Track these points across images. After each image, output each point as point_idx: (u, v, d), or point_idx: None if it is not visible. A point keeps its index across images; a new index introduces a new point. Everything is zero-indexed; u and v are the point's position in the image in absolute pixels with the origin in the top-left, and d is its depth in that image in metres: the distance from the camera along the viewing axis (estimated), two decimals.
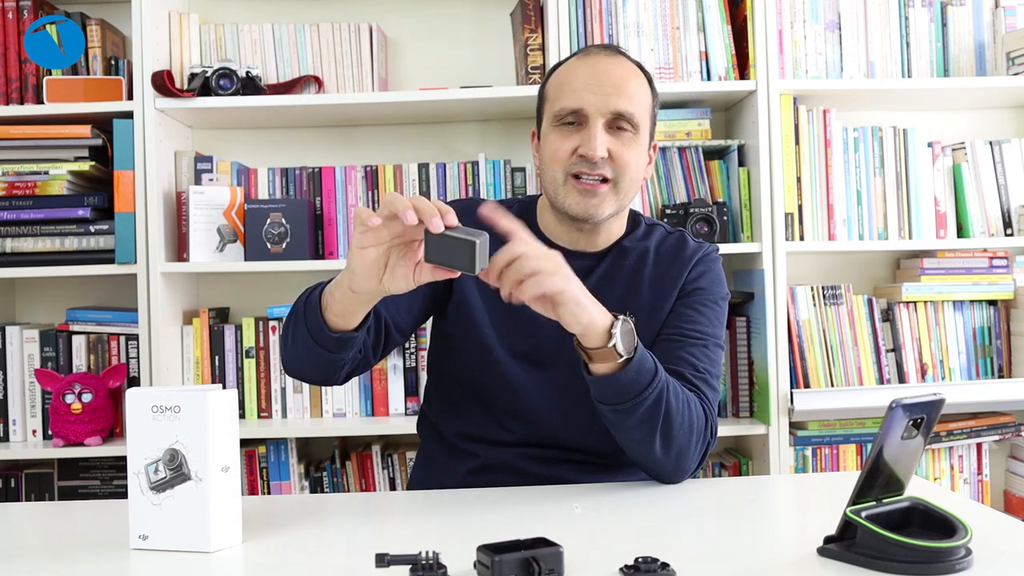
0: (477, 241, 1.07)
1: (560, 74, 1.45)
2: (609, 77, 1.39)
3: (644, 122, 1.42)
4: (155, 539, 1.04)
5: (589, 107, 1.38)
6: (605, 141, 1.37)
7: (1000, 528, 1.08)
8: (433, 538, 1.07)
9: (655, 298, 1.45)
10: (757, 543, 1.07)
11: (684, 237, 1.53)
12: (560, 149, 1.39)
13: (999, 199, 2.30)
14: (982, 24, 2.32)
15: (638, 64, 1.46)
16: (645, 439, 1.26)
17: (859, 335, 2.21)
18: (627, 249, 1.48)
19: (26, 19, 2.21)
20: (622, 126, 1.39)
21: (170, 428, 1.02)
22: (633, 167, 1.40)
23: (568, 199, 1.40)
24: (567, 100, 1.39)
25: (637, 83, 1.42)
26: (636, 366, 1.21)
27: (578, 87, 1.39)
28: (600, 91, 1.38)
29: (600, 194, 1.39)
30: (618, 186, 1.40)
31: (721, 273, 1.51)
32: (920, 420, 0.95)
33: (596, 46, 1.48)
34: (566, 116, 1.39)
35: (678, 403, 1.28)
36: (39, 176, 2.16)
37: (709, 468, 2.30)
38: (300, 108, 2.23)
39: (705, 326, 1.43)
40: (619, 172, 1.39)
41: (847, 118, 2.36)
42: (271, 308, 2.26)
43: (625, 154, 1.39)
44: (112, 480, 2.21)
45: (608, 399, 1.24)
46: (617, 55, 1.44)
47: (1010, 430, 2.25)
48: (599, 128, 1.37)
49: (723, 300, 1.49)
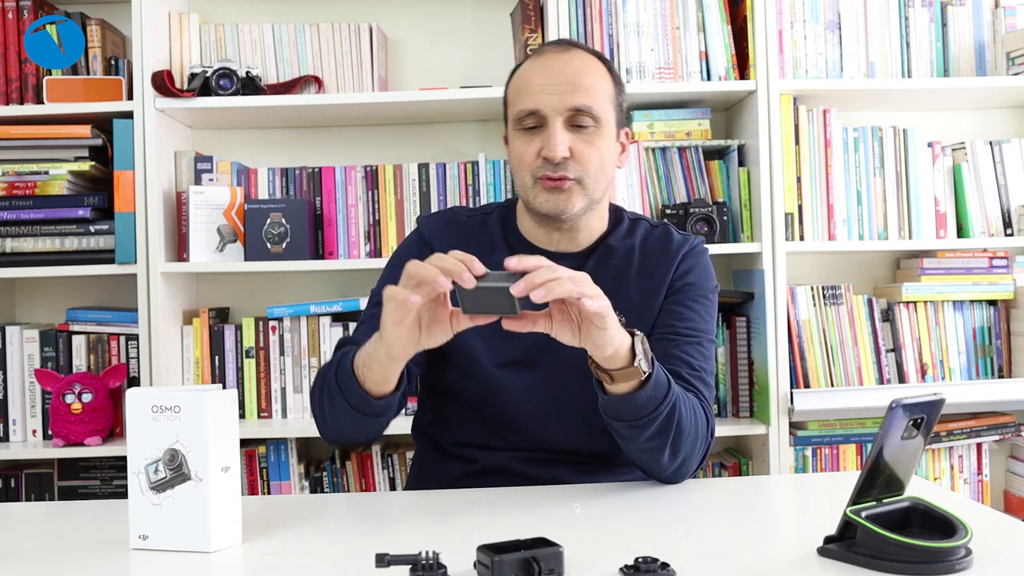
0: (510, 287, 1.06)
1: (517, 76, 1.43)
2: (563, 73, 1.37)
3: (606, 112, 1.39)
4: (155, 539, 1.04)
5: (545, 107, 1.36)
6: (566, 140, 1.35)
7: (1000, 528, 1.08)
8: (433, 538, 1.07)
9: (644, 296, 1.43)
10: (757, 543, 1.07)
11: (668, 230, 1.50)
12: (525, 153, 1.38)
13: (999, 199, 2.30)
14: (982, 24, 2.32)
15: (595, 53, 1.44)
16: (655, 449, 1.26)
17: (859, 335, 2.21)
18: (613, 247, 1.46)
19: (26, 19, 2.21)
20: (582, 122, 1.36)
21: (170, 428, 1.02)
22: (596, 163, 1.37)
23: (538, 199, 1.38)
24: (524, 102, 1.38)
25: (593, 74, 1.39)
26: (654, 382, 1.20)
27: (533, 88, 1.37)
28: (555, 89, 1.36)
29: (567, 190, 1.37)
30: (584, 183, 1.37)
31: (709, 265, 1.50)
32: (920, 420, 0.95)
33: (550, 43, 1.46)
34: (525, 119, 1.38)
35: (687, 412, 1.27)
36: (39, 176, 2.16)
37: (709, 468, 2.30)
38: (300, 108, 2.23)
39: (698, 323, 1.42)
40: (583, 170, 1.37)
41: (847, 118, 2.36)
42: (271, 308, 2.26)
43: (587, 151, 1.36)
44: (112, 480, 2.21)
45: (625, 416, 1.22)
46: (570, 49, 1.42)
47: (1010, 430, 2.25)
48: (558, 128, 1.35)
49: (713, 293, 1.48)
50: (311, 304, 2.26)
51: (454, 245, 1.44)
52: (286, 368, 2.25)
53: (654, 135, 2.27)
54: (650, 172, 2.25)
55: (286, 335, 2.26)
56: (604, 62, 1.43)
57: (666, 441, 1.25)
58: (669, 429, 1.24)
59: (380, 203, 2.28)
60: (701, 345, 1.41)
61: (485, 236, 1.48)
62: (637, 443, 1.25)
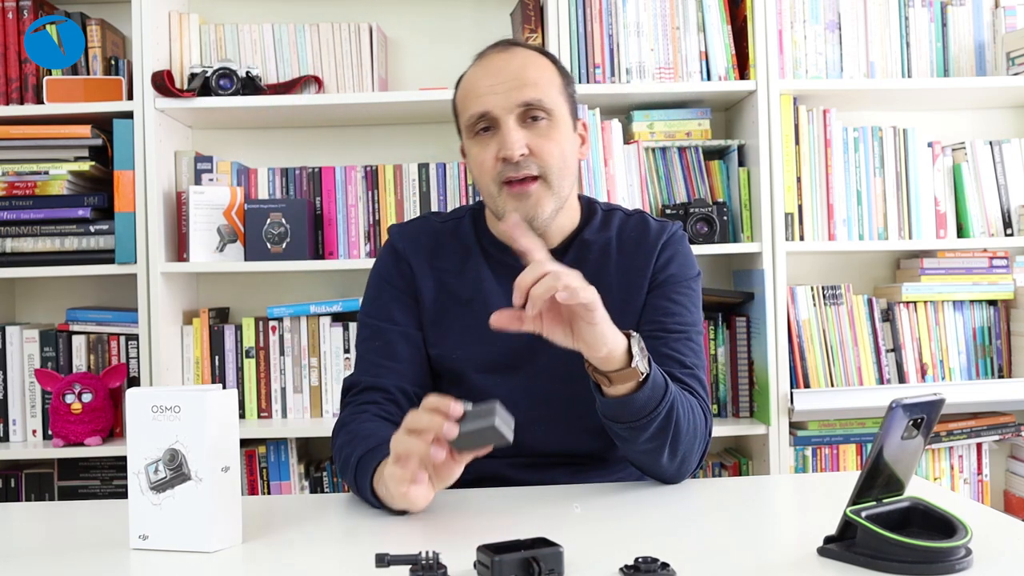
0: (496, 421, 1.05)
1: (463, 84, 1.41)
2: (506, 71, 1.35)
3: (558, 104, 1.36)
4: (155, 539, 1.04)
5: (495, 107, 1.33)
6: (521, 137, 1.32)
7: (1000, 528, 1.08)
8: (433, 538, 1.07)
9: (625, 291, 1.40)
10: (757, 543, 1.07)
11: (645, 219, 1.47)
12: (484, 160, 1.35)
13: (999, 199, 2.30)
14: (982, 24, 2.32)
15: (538, 49, 1.42)
16: (655, 450, 1.25)
17: (859, 335, 2.21)
18: (589, 242, 1.43)
19: (26, 19, 2.21)
20: (535, 115, 1.34)
21: (170, 428, 1.02)
22: (557, 155, 1.34)
23: (507, 206, 1.35)
24: (472, 107, 1.35)
25: (537, 68, 1.37)
26: (651, 382, 1.19)
27: (480, 91, 1.35)
28: (501, 88, 1.33)
29: (533, 193, 1.34)
30: (548, 180, 1.34)
31: (688, 252, 1.46)
32: (920, 420, 0.95)
33: (491, 45, 1.42)
34: (477, 124, 1.35)
35: (685, 411, 1.26)
36: (39, 176, 2.16)
37: (709, 468, 2.30)
38: (300, 108, 2.23)
39: (684, 316, 1.39)
40: (544, 165, 1.34)
41: (847, 118, 2.36)
42: (271, 308, 2.26)
43: (545, 145, 1.34)
44: (112, 480, 2.21)
45: (624, 418, 1.21)
46: (511, 47, 1.39)
47: (1010, 430, 2.25)
48: (511, 126, 1.33)
49: (695, 280, 1.45)
50: (311, 304, 2.27)
51: (428, 255, 1.44)
52: (286, 368, 2.25)
53: (654, 135, 2.27)
54: (650, 172, 2.25)
55: (286, 335, 2.26)
56: (548, 56, 1.41)
57: (665, 441, 1.24)
58: (668, 429, 1.23)
59: (380, 203, 2.28)
60: (690, 339, 1.39)
61: (458, 242, 1.46)
62: (636, 444, 1.25)
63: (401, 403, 1.37)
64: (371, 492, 1.19)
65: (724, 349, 2.25)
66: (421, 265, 1.44)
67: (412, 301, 1.44)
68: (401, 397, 1.38)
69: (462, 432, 1.06)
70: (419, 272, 1.44)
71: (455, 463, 1.10)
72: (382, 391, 1.38)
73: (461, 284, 1.43)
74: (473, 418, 1.07)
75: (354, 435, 1.28)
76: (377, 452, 1.20)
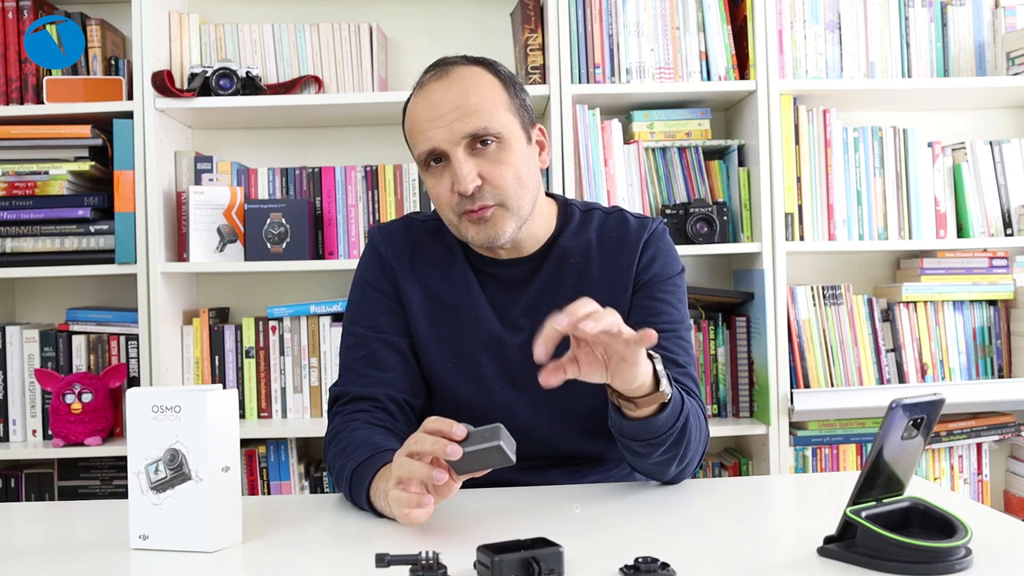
0: (501, 443, 1.03)
1: (408, 117, 1.36)
2: (446, 102, 1.29)
3: (505, 123, 1.31)
4: (155, 539, 1.04)
5: (440, 143, 1.29)
6: (472, 169, 1.28)
7: (1000, 528, 1.08)
8: (433, 538, 1.07)
9: (610, 294, 1.38)
10: (757, 543, 1.07)
11: (624, 217, 1.43)
12: (440, 193, 1.31)
13: (999, 199, 2.30)
14: (982, 24, 2.32)
15: (475, 61, 1.35)
16: (666, 462, 1.25)
17: (859, 335, 2.21)
18: (567, 248, 1.40)
19: (26, 19, 2.21)
20: (484, 140, 1.29)
21: (170, 428, 1.02)
22: (511, 179, 1.30)
23: (468, 234, 1.33)
24: (419, 144, 1.31)
25: (479, 90, 1.31)
26: (672, 402, 1.17)
27: (423, 127, 1.30)
28: (443, 123, 1.28)
29: (492, 218, 1.30)
30: (506, 205, 1.30)
31: (671, 247, 1.43)
32: (920, 420, 0.95)
33: (427, 70, 1.36)
34: (427, 159, 1.31)
35: (694, 420, 1.25)
36: (39, 176, 2.16)
37: (709, 468, 2.30)
38: (300, 108, 2.23)
39: (671, 314, 1.38)
40: (499, 193, 1.30)
41: (847, 118, 2.36)
42: (271, 308, 2.26)
43: (497, 171, 1.29)
44: (112, 480, 2.21)
45: (643, 436, 1.20)
46: (448, 70, 1.33)
47: (1010, 430, 2.25)
48: (461, 159, 1.28)
49: (680, 276, 1.42)
50: (311, 304, 2.27)
51: (411, 257, 1.42)
52: (286, 368, 2.25)
53: (654, 135, 2.27)
54: (650, 172, 2.25)
55: (286, 335, 2.26)
56: (488, 67, 1.35)
57: (677, 453, 1.24)
58: (681, 442, 1.23)
59: (380, 203, 2.28)
60: (680, 337, 1.37)
61: (441, 243, 1.43)
62: (651, 459, 1.23)
63: (393, 411, 1.35)
64: (367, 503, 1.18)
65: (724, 349, 2.25)
66: (404, 268, 1.42)
67: (398, 306, 1.41)
68: (392, 406, 1.35)
69: (466, 453, 1.04)
70: (402, 275, 1.41)
71: (454, 482, 1.09)
72: (371, 400, 1.35)
73: (448, 289, 1.40)
74: (476, 440, 1.05)
75: (346, 445, 1.26)
76: (371, 463, 1.19)
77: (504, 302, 1.39)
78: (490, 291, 1.40)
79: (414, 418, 1.37)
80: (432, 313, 1.40)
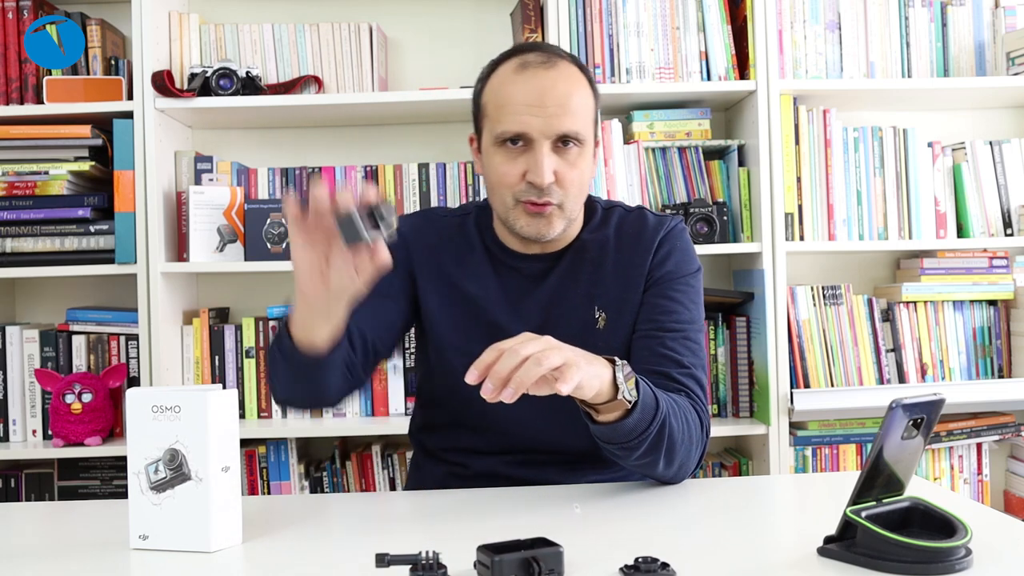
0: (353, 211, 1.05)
1: (498, 89, 1.35)
2: (551, 95, 1.30)
3: (589, 132, 1.35)
4: (155, 539, 1.04)
5: (532, 131, 1.30)
6: (552, 164, 1.31)
7: (1000, 528, 1.08)
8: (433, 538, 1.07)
9: (623, 289, 1.39)
10: (757, 543, 1.07)
11: (643, 215, 1.45)
12: (508, 174, 1.33)
13: (999, 199, 2.30)
14: (982, 24, 2.32)
15: (575, 61, 1.38)
16: (650, 464, 1.25)
17: (859, 335, 2.21)
18: (586, 242, 1.42)
19: (26, 19, 2.21)
20: (567, 144, 1.32)
21: (170, 428, 1.02)
22: (578, 184, 1.34)
23: (519, 222, 1.35)
24: (509, 124, 1.31)
25: (580, 95, 1.34)
26: (640, 406, 1.17)
27: (519, 108, 1.31)
28: (543, 113, 1.30)
29: (549, 215, 1.33)
30: (564, 207, 1.34)
31: (688, 247, 1.44)
32: (920, 420, 0.95)
33: (531, 53, 1.36)
34: (509, 138, 1.32)
35: (678, 423, 1.24)
36: (39, 176, 2.16)
37: (709, 468, 2.30)
38: (300, 108, 2.23)
39: (681, 314, 1.38)
40: (564, 195, 1.33)
41: (847, 118, 2.36)
42: (271, 308, 2.26)
43: (571, 174, 1.33)
44: (112, 480, 2.21)
45: (614, 440, 1.20)
46: (555, 63, 1.34)
47: (1010, 430, 2.25)
48: (545, 153, 1.30)
49: (695, 277, 1.43)
50: None
51: (432, 244, 1.45)
52: None
53: (654, 135, 2.27)
54: (650, 172, 2.25)
55: None
56: (584, 72, 1.38)
57: (659, 456, 1.23)
58: (660, 445, 1.22)
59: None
60: (688, 338, 1.37)
61: (463, 238, 1.45)
62: (630, 461, 1.24)
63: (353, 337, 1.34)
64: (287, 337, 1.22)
65: (724, 349, 2.25)
66: (422, 258, 1.44)
67: (401, 279, 1.42)
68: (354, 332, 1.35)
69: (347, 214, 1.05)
70: (419, 262, 1.44)
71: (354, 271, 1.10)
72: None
73: (465, 280, 1.42)
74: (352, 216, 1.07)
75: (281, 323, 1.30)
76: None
77: (519, 294, 1.41)
78: (507, 283, 1.42)
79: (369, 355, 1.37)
80: (448, 302, 1.42)
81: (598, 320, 1.40)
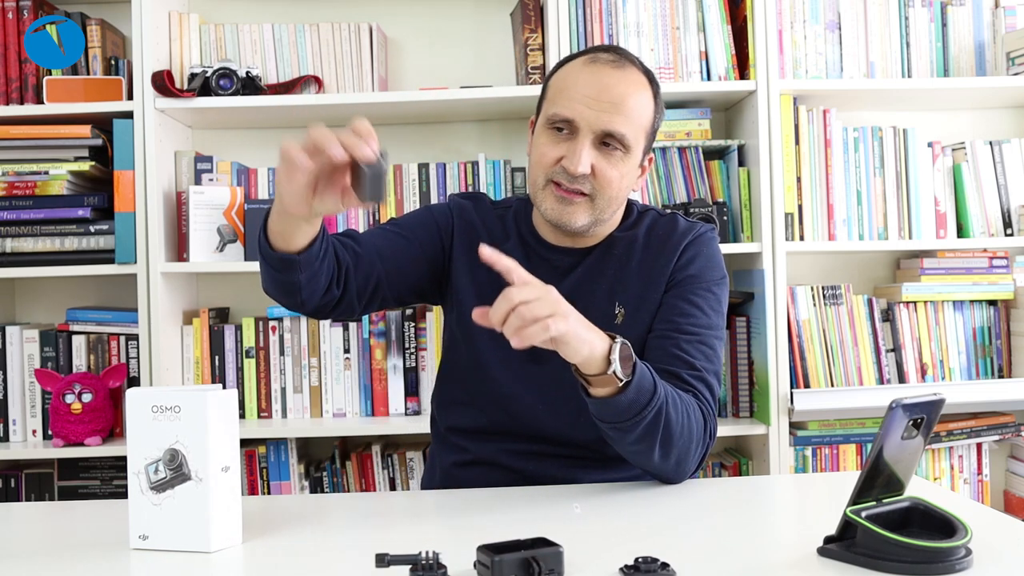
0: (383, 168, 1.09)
1: (564, 75, 1.40)
2: (609, 93, 1.34)
3: (637, 141, 1.37)
4: (155, 539, 1.04)
5: (580, 120, 1.34)
6: (590, 157, 1.34)
7: (1000, 528, 1.08)
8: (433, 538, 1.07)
9: (644, 287, 1.41)
10: (757, 543, 1.07)
11: (675, 219, 1.47)
12: (546, 155, 1.37)
13: (999, 199, 2.30)
14: (982, 24, 2.32)
15: (646, 72, 1.41)
16: (644, 451, 1.25)
17: (859, 335, 2.21)
18: (615, 239, 1.46)
19: (26, 19, 2.21)
20: (611, 144, 1.35)
21: (170, 428, 1.02)
22: (615, 185, 1.36)
23: (545, 203, 1.38)
24: (562, 107, 1.35)
25: (638, 100, 1.37)
26: (635, 387, 1.19)
27: (576, 96, 1.34)
28: (596, 106, 1.33)
29: (575, 203, 1.36)
30: (595, 201, 1.37)
31: (715, 255, 1.46)
32: (920, 420, 0.95)
33: (605, 51, 1.40)
34: (558, 122, 1.36)
35: (678, 415, 1.25)
36: (39, 176, 2.16)
37: (709, 468, 2.30)
38: (300, 108, 2.23)
39: (699, 318, 1.39)
40: (598, 189, 1.36)
41: (847, 118, 2.36)
42: (271, 308, 2.26)
43: (608, 172, 1.35)
44: (112, 480, 2.21)
45: (608, 418, 1.22)
46: (624, 66, 1.38)
47: (1010, 430, 2.25)
48: (586, 144, 1.34)
49: (718, 285, 1.44)
50: None
51: (474, 225, 1.49)
52: (286, 368, 2.25)
53: None
54: (650, 172, 2.25)
55: (286, 335, 2.26)
56: (652, 85, 1.41)
57: (653, 444, 1.24)
58: (655, 432, 1.23)
59: (380, 203, 2.28)
60: (703, 343, 1.38)
61: (501, 227, 1.50)
62: (624, 444, 1.25)
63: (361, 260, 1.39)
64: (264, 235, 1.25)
65: (724, 349, 2.24)
66: (463, 234, 1.48)
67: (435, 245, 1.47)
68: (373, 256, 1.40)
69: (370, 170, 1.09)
70: (459, 237, 1.48)
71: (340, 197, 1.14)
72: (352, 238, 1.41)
73: None
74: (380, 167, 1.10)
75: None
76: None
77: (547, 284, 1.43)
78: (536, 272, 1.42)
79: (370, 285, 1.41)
80: (476, 280, 1.44)
81: (617, 315, 1.41)
